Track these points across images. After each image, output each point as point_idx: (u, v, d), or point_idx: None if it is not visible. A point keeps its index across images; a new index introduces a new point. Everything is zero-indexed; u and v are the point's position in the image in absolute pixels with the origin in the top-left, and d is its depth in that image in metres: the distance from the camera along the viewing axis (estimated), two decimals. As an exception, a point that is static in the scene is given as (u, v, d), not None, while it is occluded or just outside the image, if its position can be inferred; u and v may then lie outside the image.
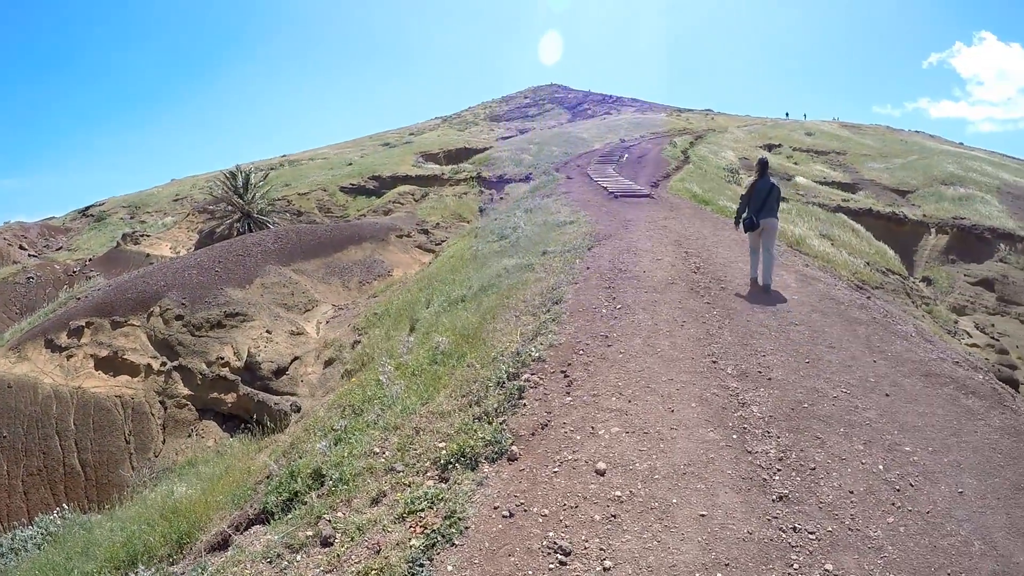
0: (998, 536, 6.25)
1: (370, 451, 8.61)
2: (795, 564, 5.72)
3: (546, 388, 8.90)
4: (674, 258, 15.35)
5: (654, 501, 6.47)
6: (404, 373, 11.75)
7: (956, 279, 33.02)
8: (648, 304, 12.06)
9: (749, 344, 10.37)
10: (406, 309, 18.96)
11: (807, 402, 8.55)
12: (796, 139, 61.23)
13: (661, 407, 8.29)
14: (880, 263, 25.80)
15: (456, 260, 22.24)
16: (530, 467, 7.14)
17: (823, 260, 18.67)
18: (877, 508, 6.53)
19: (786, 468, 7.09)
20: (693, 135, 59.05)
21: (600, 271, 14.15)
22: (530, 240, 19.55)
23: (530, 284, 14.03)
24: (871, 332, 11.27)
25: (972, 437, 7.98)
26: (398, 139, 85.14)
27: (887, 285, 21.63)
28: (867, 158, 55.34)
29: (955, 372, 9.90)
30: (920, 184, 46.65)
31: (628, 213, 22.40)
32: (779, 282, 13.85)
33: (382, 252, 33.14)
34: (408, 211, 46.80)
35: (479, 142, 71.34)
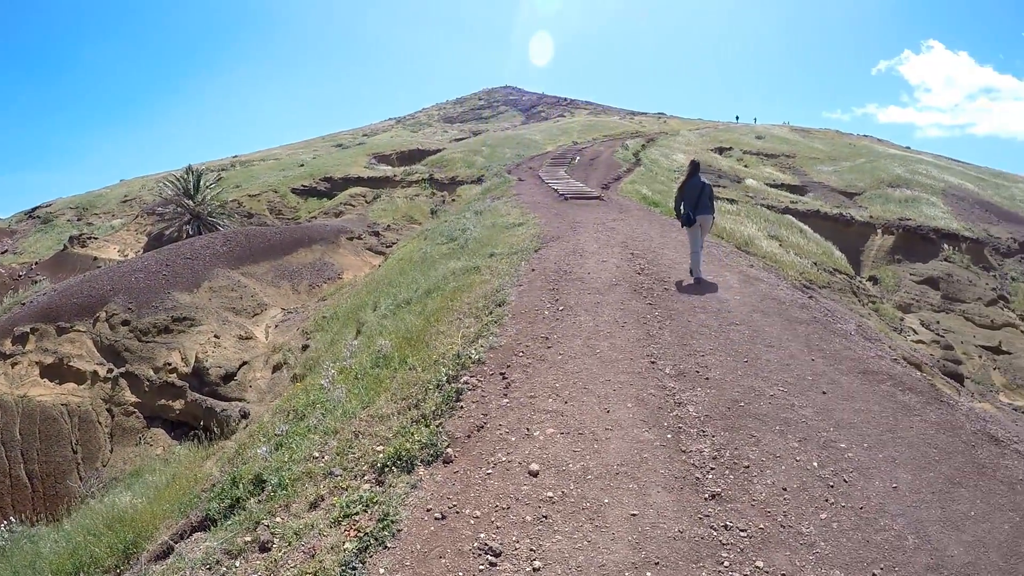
0: (932, 530, 6.31)
1: (310, 456, 8.51)
2: (725, 562, 5.75)
3: (484, 390, 8.89)
4: (620, 260, 15.40)
5: (586, 501, 6.49)
6: (347, 377, 11.65)
7: (902, 278, 33.61)
8: (591, 306, 12.10)
9: (688, 344, 10.42)
10: (354, 312, 18.81)
11: (743, 401, 8.59)
12: (747, 142, 61.82)
13: (597, 408, 8.31)
14: (827, 263, 26.17)
15: (405, 263, 22.13)
16: (464, 469, 7.13)
17: (771, 260, 18.86)
18: (810, 504, 6.56)
19: (720, 466, 7.13)
20: (645, 138, 59.55)
21: (545, 273, 14.17)
22: (479, 242, 19.52)
23: (475, 286, 14.01)
24: (811, 331, 11.39)
25: (908, 433, 8.07)
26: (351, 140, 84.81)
27: (834, 284, 21.95)
28: (816, 161, 56.06)
29: (893, 369, 10.02)
30: (867, 186, 47.39)
31: (577, 215, 22.47)
32: (722, 282, 13.98)
33: (332, 255, 32.86)
34: (359, 213, 46.54)
35: (432, 144, 71.30)
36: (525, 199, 28.17)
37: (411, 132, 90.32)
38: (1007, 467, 7.54)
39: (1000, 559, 6.01)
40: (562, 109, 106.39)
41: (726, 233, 21.76)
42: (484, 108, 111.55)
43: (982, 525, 6.45)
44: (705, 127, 76.84)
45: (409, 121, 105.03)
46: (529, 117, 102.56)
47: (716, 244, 18.97)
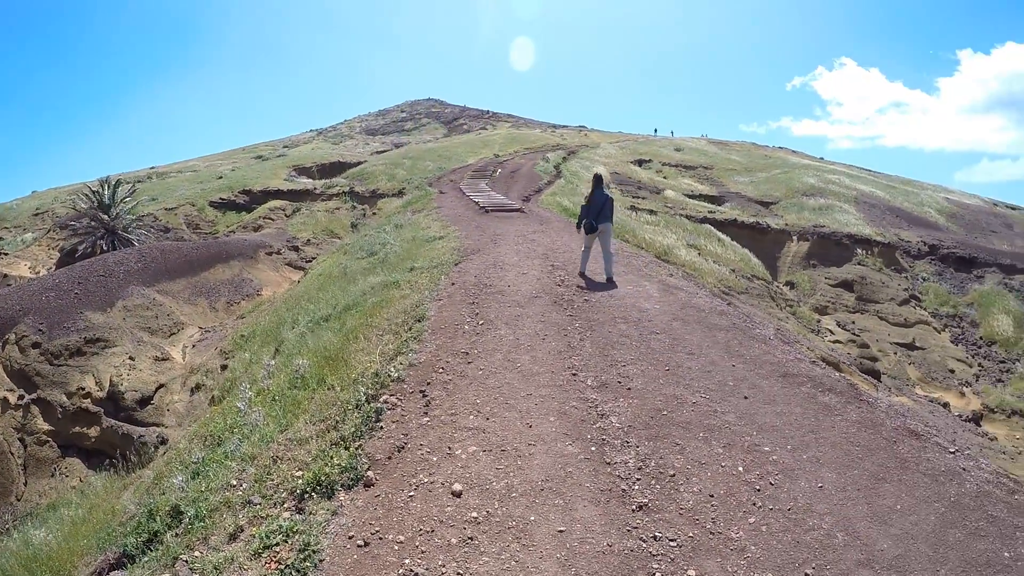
0: (860, 526, 6.40)
1: (227, 484, 8.15)
2: (657, 573, 5.68)
3: (404, 409, 8.64)
4: (540, 272, 15.36)
5: (511, 520, 6.34)
6: (265, 399, 11.27)
7: (818, 282, 34.54)
8: (511, 319, 11.98)
9: (610, 355, 10.37)
10: (272, 330, 18.36)
11: (666, 409, 8.57)
12: (666, 154, 62.76)
13: (519, 423, 8.18)
14: (745, 270, 26.74)
15: (324, 278, 21.75)
16: (386, 492, 6.88)
17: (690, 269, 19.08)
18: (738, 509, 6.57)
19: (645, 477, 7.06)
20: (566, 151, 59.91)
21: (465, 287, 14.00)
22: (399, 256, 19.30)
23: (395, 302, 13.75)
24: (730, 337, 11.47)
25: (830, 433, 8.20)
26: (271, 152, 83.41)
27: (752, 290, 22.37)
28: (733, 172, 57.24)
29: (812, 371, 10.19)
30: (783, 196, 48.53)
31: (498, 227, 22.41)
32: (642, 292, 14.05)
33: (251, 270, 32.19)
34: (279, 227, 45.61)
35: (353, 156, 70.47)
36: (446, 212, 28.03)
37: (332, 144, 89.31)
38: (928, 460, 7.73)
39: (929, 549, 6.14)
40: (484, 122, 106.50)
41: (646, 243, 21.98)
42: (406, 120, 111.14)
43: (909, 518, 6.59)
44: (625, 140, 77.84)
45: (331, 133, 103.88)
46: (451, 130, 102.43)
47: (636, 255, 19.14)
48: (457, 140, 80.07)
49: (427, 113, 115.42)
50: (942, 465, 7.63)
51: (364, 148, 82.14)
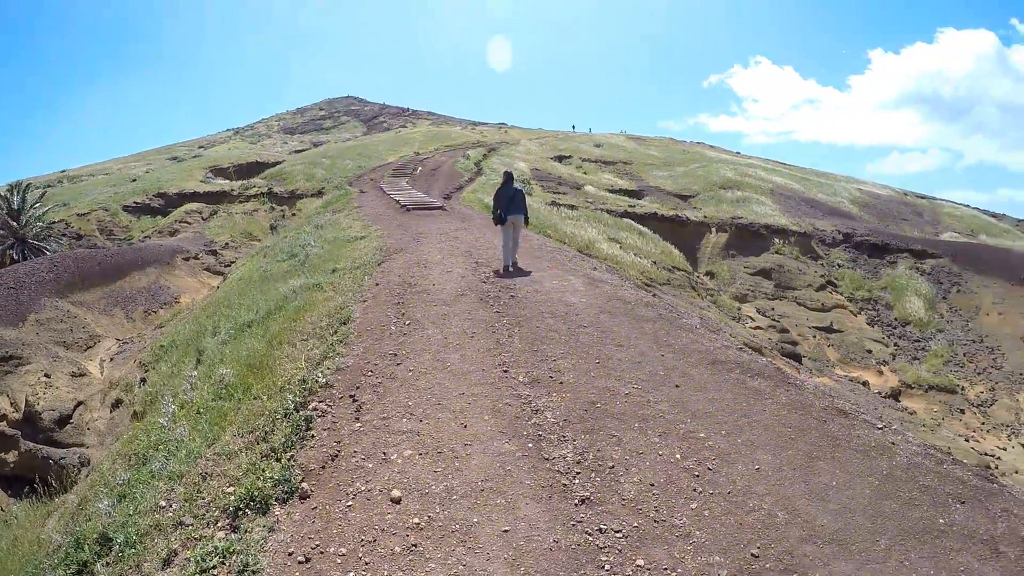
0: (799, 503, 6.56)
1: (156, 505, 7.78)
2: (606, 565, 5.68)
3: (335, 416, 8.40)
4: (465, 269, 15.28)
5: (454, 523, 6.23)
6: (189, 412, 10.83)
7: (737, 271, 35.40)
8: (438, 318, 11.86)
9: (540, 350, 10.32)
10: (193, 339, 17.79)
11: (600, 402, 8.56)
12: (586, 150, 63.27)
13: (454, 423, 8.06)
14: (666, 262, 27.14)
15: (244, 283, 21.26)
16: (323, 504, 6.66)
17: (613, 262, 19.23)
18: (680, 496, 6.62)
19: (585, 470, 7.03)
20: (487, 148, 59.82)
21: (390, 287, 13.81)
22: (320, 258, 18.98)
23: (318, 304, 13.45)
24: (658, 328, 11.56)
25: (762, 416, 8.36)
26: (187, 152, 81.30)
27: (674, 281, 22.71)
28: (652, 167, 58.05)
29: (740, 357, 10.36)
30: (701, 189, 49.48)
31: (420, 226, 22.25)
32: (568, 286, 14.05)
33: (168, 277, 31.35)
34: (196, 231, 44.34)
35: (271, 156, 69.02)
36: (367, 211, 27.73)
37: (250, 144, 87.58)
38: (858, 436, 8.00)
39: (867, 521, 6.36)
40: (404, 119, 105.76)
41: (568, 238, 22.11)
42: (325, 119, 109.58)
43: (845, 493, 6.79)
44: (545, 136, 78.27)
45: (248, 132, 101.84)
46: (371, 128, 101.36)
47: (559, 249, 19.23)
48: (377, 138, 79.25)
49: (346, 111, 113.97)
50: (872, 441, 7.90)
51: (282, 147, 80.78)
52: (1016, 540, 6.39)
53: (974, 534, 6.38)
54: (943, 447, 20.04)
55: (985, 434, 25.74)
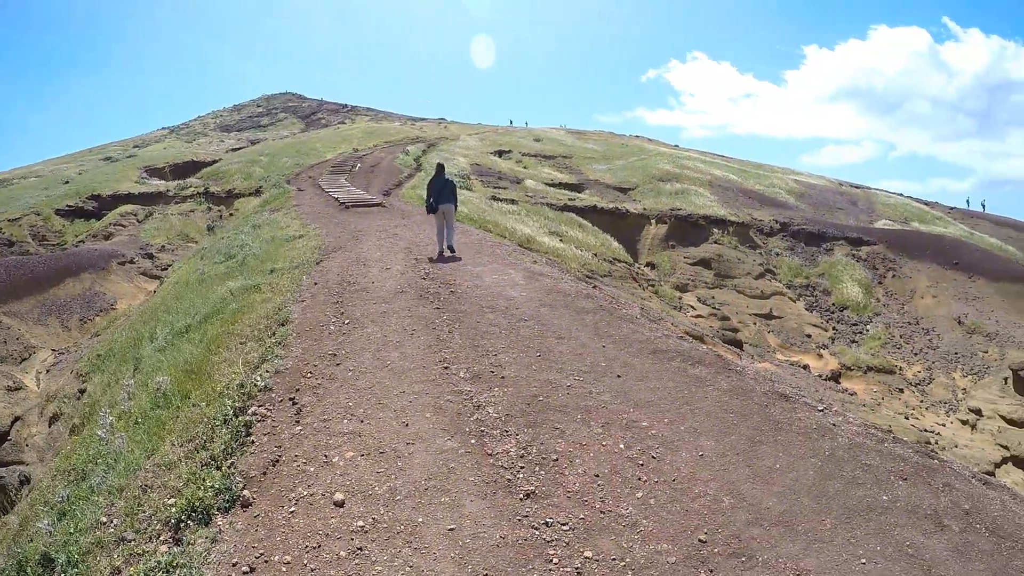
0: (744, 487, 6.62)
1: (97, 522, 7.48)
2: (554, 559, 5.65)
3: (275, 420, 8.19)
4: (404, 266, 15.16)
5: (399, 524, 6.13)
6: (127, 423, 10.52)
7: (677, 262, 35.88)
8: (378, 316, 11.70)
9: (480, 345, 10.25)
10: (130, 347, 17.35)
11: (542, 395, 8.52)
12: (526, 145, 63.40)
13: (395, 422, 7.93)
14: (607, 254, 27.34)
15: (181, 286, 20.79)
16: (266, 511, 6.48)
17: (553, 255, 19.26)
18: (625, 486, 6.62)
19: (529, 464, 7.00)
20: (426, 143, 59.57)
21: (328, 286, 13.61)
22: (258, 258, 18.64)
23: (256, 306, 13.19)
24: (598, 319, 11.58)
25: (704, 403, 8.43)
26: (121, 152, 78.65)
27: (615, 273, 22.87)
28: (592, 161, 58.48)
29: (680, 346, 10.43)
30: (640, 182, 49.99)
31: (359, 223, 22.07)
32: (507, 280, 14.03)
33: (103, 283, 30.65)
34: (131, 234, 43.27)
35: (208, 154, 67.57)
36: (305, 210, 27.35)
37: (186, 142, 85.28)
38: (800, 419, 8.11)
39: (812, 501, 6.45)
40: (343, 116, 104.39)
41: (508, 232, 22.14)
42: (263, 115, 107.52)
43: (789, 475, 6.88)
44: (485, 131, 78.16)
45: (184, 130, 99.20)
46: (309, 124, 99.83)
47: (499, 244, 19.24)
48: (315, 135, 78.10)
49: (284, 108, 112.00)
50: (813, 423, 8.03)
51: (219, 146, 78.98)
52: (959, 513, 6.53)
53: (917, 509, 6.50)
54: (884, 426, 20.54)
55: (924, 411, 26.52)
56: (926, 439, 22.37)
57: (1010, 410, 26.12)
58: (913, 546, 6.02)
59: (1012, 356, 30.00)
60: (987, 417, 26.09)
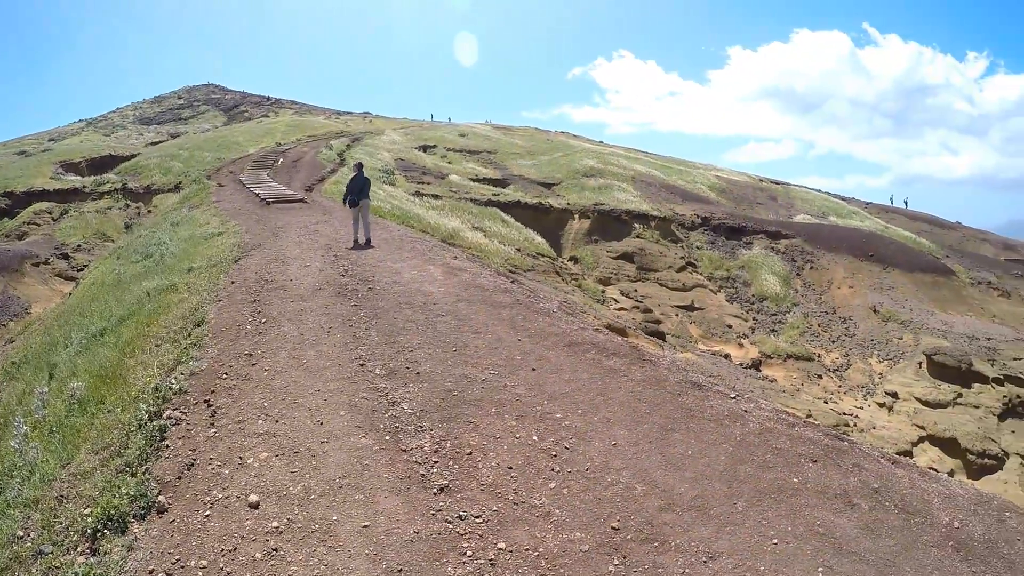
0: (656, 475, 6.75)
1: (14, 536, 7.20)
2: (468, 551, 5.69)
3: (189, 423, 8.00)
4: (323, 263, 15.02)
5: (314, 523, 6.09)
6: (42, 432, 10.17)
7: (600, 256, 36.21)
8: (294, 314, 11.58)
9: (396, 342, 10.23)
10: (45, 352, 16.74)
11: (456, 390, 8.56)
12: (451, 140, 63.14)
13: (310, 421, 7.86)
14: (530, 248, 27.45)
15: (98, 287, 20.21)
16: (181, 516, 6.35)
17: (476, 250, 19.29)
18: (538, 477, 6.69)
19: (443, 459, 7.02)
20: (351, 138, 58.72)
21: (246, 284, 13.40)
22: (175, 257, 18.24)
23: (173, 307, 12.88)
24: (515, 313, 11.68)
25: (617, 393, 8.58)
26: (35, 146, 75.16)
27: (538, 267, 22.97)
28: (517, 156, 58.60)
29: (595, 338, 10.58)
30: (564, 177, 50.31)
31: (280, 219, 21.79)
32: (426, 276, 14.03)
33: (17, 286, 29.64)
34: (46, 233, 41.50)
35: (126, 148, 64.98)
36: (226, 206, 26.82)
37: (104, 136, 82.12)
38: (712, 407, 8.33)
39: (724, 486, 6.64)
40: (266, 109, 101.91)
41: (432, 228, 22.07)
42: (184, 108, 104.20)
43: (701, 461, 7.06)
44: (410, 126, 77.65)
45: (101, 123, 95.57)
46: (232, 117, 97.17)
47: (420, 239, 19.23)
48: (238, 128, 75.95)
49: (206, 100, 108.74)
50: (725, 410, 8.24)
51: (138, 139, 76.46)
52: (868, 492, 6.79)
53: (827, 490, 6.74)
54: (802, 410, 21.14)
55: (843, 396, 27.36)
56: (845, 422, 23.14)
57: (924, 392, 27.13)
58: (823, 525, 6.23)
59: (925, 342, 31.12)
60: (903, 399, 27.02)
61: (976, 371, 28.25)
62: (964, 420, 25.39)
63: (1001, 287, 43.78)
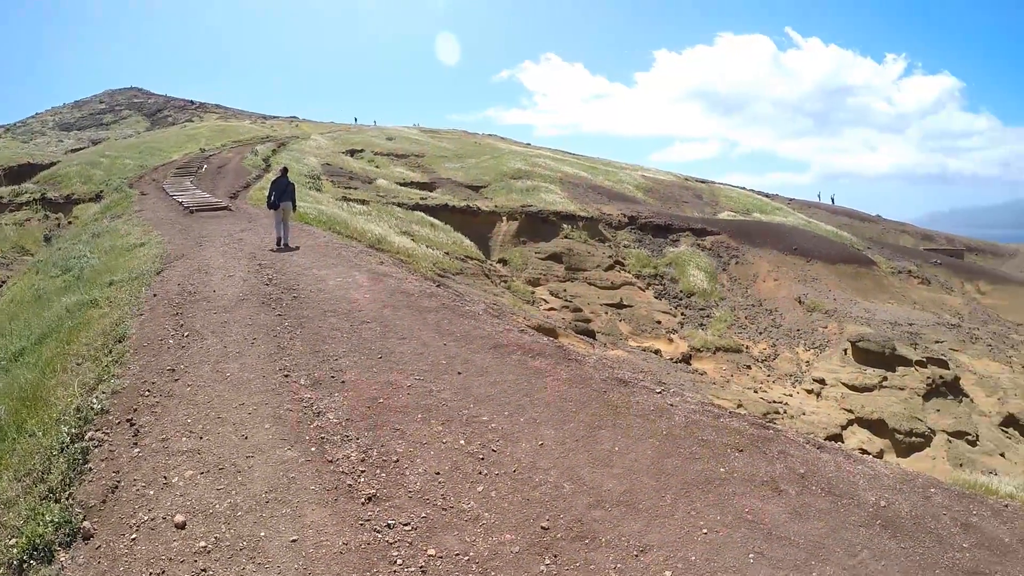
0: (584, 472, 6.83)
1: None
2: (398, 560, 5.67)
3: (112, 444, 7.77)
4: (247, 272, 14.76)
5: (242, 541, 6.00)
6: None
7: (529, 257, 36.39)
8: (218, 326, 11.35)
9: (321, 350, 10.14)
10: (-39, 377, 16.18)
11: (382, 397, 8.53)
12: (378, 144, 62.78)
13: (234, 436, 7.72)
14: (459, 252, 27.44)
15: (16, 304, 19.49)
16: (107, 541, 6.16)
17: (404, 255, 19.18)
18: (466, 481, 6.71)
19: (370, 467, 6.98)
20: (277, 143, 57.84)
21: (169, 296, 13.08)
22: (96, 270, 17.70)
23: (94, 322, 12.48)
24: (441, 318, 11.70)
25: (543, 393, 8.67)
26: None
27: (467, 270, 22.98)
28: (444, 159, 58.57)
29: (521, 339, 10.65)
30: (492, 179, 50.50)
31: (204, 228, 21.39)
32: (351, 282, 13.93)
33: (-69, 308, 28.37)
34: (-40, 248, 40.14)
35: (46, 156, 62.55)
36: (148, 216, 26.06)
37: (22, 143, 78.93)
38: (638, 402, 8.48)
39: (652, 480, 6.76)
40: (191, 113, 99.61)
41: (358, 233, 21.87)
42: (106, 113, 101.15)
43: (628, 456, 7.18)
44: (337, 130, 77.00)
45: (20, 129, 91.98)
46: (155, 122, 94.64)
47: (347, 245, 19.08)
48: (161, 134, 73.98)
49: (129, 104, 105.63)
50: (651, 405, 8.40)
51: (58, 146, 74.06)
52: (794, 477, 6.97)
53: (754, 477, 6.91)
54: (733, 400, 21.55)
55: (772, 385, 27.94)
56: (775, 410, 23.68)
57: (851, 378, 27.94)
58: (752, 512, 6.39)
59: (849, 329, 32.03)
60: (831, 385, 27.76)
61: (900, 355, 29.25)
62: (890, 402, 26.27)
63: (921, 275, 45.53)
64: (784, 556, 5.94)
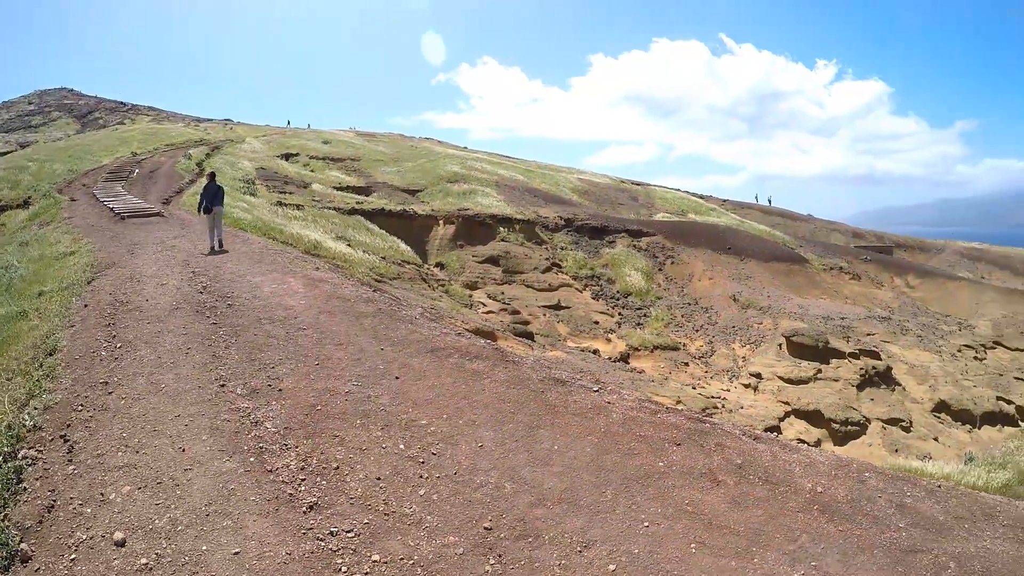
0: (524, 472, 6.93)
1: None
2: (343, 567, 5.68)
3: (46, 461, 7.54)
4: (180, 280, 14.51)
5: (183, 556, 5.91)
6: None
7: (466, 260, 36.41)
8: (151, 336, 11.12)
9: (257, 359, 10.04)
10: None
11: (320, 404, 8.49)
12: (314, 148, 62.36)
13: (171, 449, 7.59)
14: (396, 256, 27.38)
15: (-57, 321, 18.93)
16: (46, 563, 5.99)
17: (340, 261, 19.06)
18: (407, 485, 6.74)
19: (310, 475, 6.94)
20: (210, 146, 56.94)
21: (100, 307, 12.77)
22: (25, 280, 17.19)
23: (23, 335, 12.10)
24: (377, 323, 11.68)
25: (481, 395, 8.76)
26: None
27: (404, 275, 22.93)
28: (381, 163, 58.40)
29: (458, 342, 10.70)
30: (429, 183, 50.55)
31: (136, 235, 20.96)
32: (287, 289, 13.82)
33: None
34: None
35: None
36: (78, 222, 25.38)
37: None
38: (576, 401, 8.63)
39: (592, 476, 6.89)
40: (122, 115, 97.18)
41: (294, 239, 21.71)
42: (35, 114, 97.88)
43: (567, 454, 7.30)
44: (273, 133, 76.20)
45: None
46: (86, 124, 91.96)
47: (282, 252, 18.87)
48: (92, 137, 72.06)
49: (58, 106, 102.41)
50: (588, 403, 8.55)
51: (-17, 150, 72.00)
52: (732, 468, 7.16)
53: (692, 470, 7.07)
54: (672, 397, 21.85)
55: (710, 380, 28.45)
56: (713, 404, 24.11)
57: (786, 371, 28.63)
58: (692, 503, 6.55)
59: (784, 325, 32.80)
60: (767, 379, 28.39)
61: (833, 348, 30.15)
62: (825, 393, 27.01)
63: (851, 271, 46.86)
64: (725, 544, 6.10)
